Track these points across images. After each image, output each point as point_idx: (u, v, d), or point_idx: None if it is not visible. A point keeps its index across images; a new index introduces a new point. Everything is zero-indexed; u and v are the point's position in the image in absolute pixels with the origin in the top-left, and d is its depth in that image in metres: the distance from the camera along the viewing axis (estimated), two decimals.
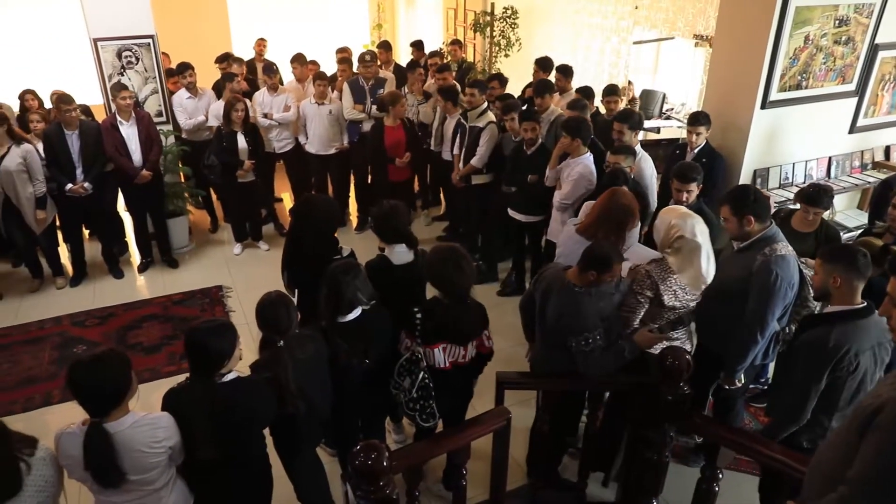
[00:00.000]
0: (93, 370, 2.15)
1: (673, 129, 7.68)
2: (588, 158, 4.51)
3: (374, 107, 6.23)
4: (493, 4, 8.67)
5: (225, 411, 2.36)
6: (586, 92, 5.70)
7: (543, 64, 6.40)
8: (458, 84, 6.44)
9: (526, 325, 3.32)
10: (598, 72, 7.74)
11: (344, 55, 7.09)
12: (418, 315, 2.91)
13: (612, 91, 5.59)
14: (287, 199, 7.61)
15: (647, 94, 8.30)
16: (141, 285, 5.91)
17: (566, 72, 6.15)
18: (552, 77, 6.11)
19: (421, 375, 2.94)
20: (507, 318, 5.28)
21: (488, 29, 8.59)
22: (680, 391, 2.70)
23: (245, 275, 5.99)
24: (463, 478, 2.74)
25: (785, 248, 3.07)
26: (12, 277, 5.99)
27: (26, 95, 6.23)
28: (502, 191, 5.33)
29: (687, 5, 6.71)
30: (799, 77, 4.85)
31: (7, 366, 4.70)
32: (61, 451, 2.22)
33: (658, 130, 7.79)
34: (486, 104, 5.53)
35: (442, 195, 7.13)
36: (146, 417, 2.25)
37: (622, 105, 5.78)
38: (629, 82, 7.68)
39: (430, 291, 3.16)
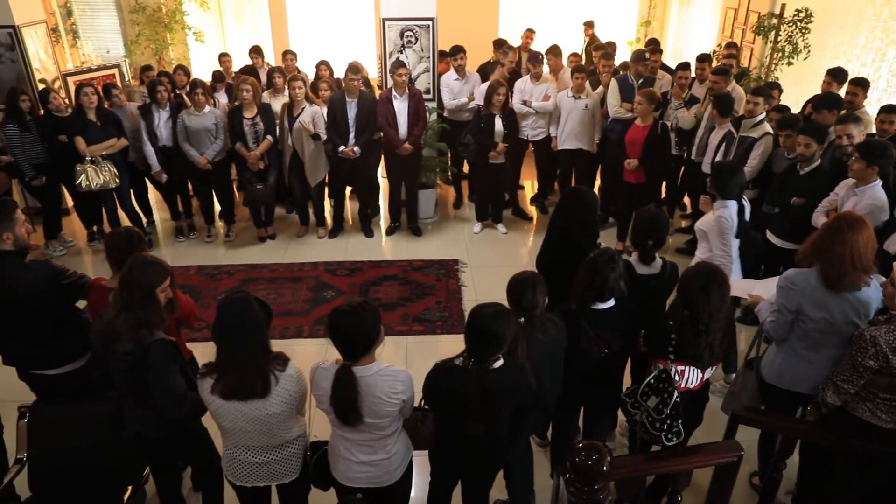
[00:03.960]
0: (351, 318, 2.35)
1: None
2: (877, 187, 3.91)
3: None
4: (783, 5, 7.85)
5: (495, 394, 2.43)
6: None
7: (837, 74, 5.65)
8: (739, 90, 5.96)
9: None
10: None
11: (606, 51, 6.96)
12: (672, 329, 2.75)
13: (891, 109, 4.74)
14: (528, 188, 7.72)
15: None
16: (386, 247, 6.44)
17: (863, 85, 5.32)
18: (843, 91, 5.36)
19: (675, 395, 2.75)
20: (739, 345, 4.84)
21: (773, 32, 7.81)
22: None
23: (480, 253, 6.20)
24: None
25: None
26: (285, 221, 6.91)
27: (320, 66, 7.05)
28: (763, 210, 4.85)
29: None
30: None
31: (273, 296, 5.42)
32: (315, 382, 2.48)
33: None
34: (764, 115, 5.07)
35: (690, 206, 6.71)
36: (389, 369, 2.43)
37: None
38: None
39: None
